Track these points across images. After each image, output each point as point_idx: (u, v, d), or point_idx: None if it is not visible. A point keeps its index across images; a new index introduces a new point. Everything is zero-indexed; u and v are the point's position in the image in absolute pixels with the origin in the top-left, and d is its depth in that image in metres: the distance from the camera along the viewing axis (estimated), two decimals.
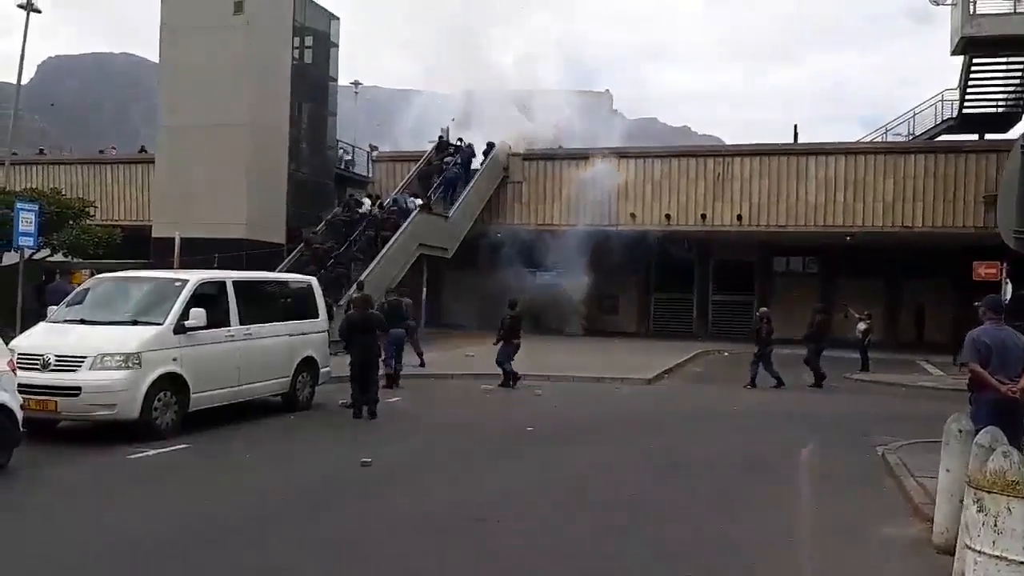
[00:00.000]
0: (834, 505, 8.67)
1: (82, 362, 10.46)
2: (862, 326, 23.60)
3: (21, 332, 12.46)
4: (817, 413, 15.51)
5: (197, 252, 21.78)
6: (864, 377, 21.84)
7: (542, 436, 12.15)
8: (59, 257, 19.80)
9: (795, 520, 8.10)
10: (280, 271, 24.22)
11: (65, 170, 36.99)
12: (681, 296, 37.77)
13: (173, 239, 21.72)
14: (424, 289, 27.89)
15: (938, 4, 28.33)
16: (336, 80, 31.44)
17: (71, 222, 19.72)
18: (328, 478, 9.32)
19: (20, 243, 14.18)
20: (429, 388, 17.32)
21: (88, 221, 20.73)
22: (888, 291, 34.98)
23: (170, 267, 19.11)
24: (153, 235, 26.55)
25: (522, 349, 17.89)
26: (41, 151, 45.27)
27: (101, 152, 40.74)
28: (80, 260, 20.00)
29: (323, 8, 30.29)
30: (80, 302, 11.93)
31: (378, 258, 24.25)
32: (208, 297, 11.77)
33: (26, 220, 14.01)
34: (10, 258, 17.29)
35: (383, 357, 14.59)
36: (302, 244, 26.01)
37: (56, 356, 10.53)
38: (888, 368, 23.43)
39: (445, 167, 31.00)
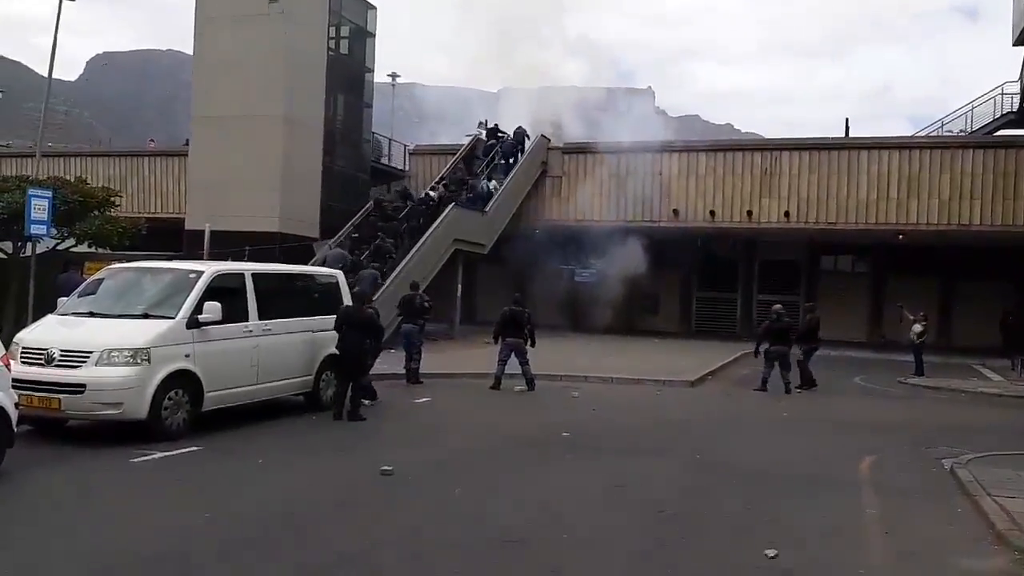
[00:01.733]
0: (905, 529, 7.74)
1: (87, 357, 9.81)
2: (917, 328, 22.38)
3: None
4: (873, 421, 14.51)
5: (230, 245, 21.24)
6: (919, 382, 20.68)
7: (578, 443, 11.32)
8: (84, 248, 19.37)
9: (863, 547, 7.18)
10: (346, 231, 25.88)
11: (104, 162, 36.86)
12: (725, 295, 36.73)
13: (205, 231, 21.23)
14: (459, 285, 27.16)
15: None
16: (372, 71, 30.78)
17: (96, 212, 19.24)
18: (344, 487, 8.58)
19: (32, 232, 13.66)
20: (460, 388, 16.56)
21: (114, 211, 20.25)
22: (942, 292, 33.64)
23: (200, 260, 18.56)
24: (186, 227, 26.11)
25: (558, 348, 17.02)
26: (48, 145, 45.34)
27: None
28: (107, 251, 19.53)
29: None
30: (92, 293, 11.31)
31: (411, 253, 23.58)
32: (225, 290, 11.09)
33: (39, 207, 13.49)
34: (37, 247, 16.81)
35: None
36: (371, 203, 27.26)
37: (61, 351, 9.91)
38: (944, 373, 22.23)
39: (499, 140, 30.87)
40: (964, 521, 7.96)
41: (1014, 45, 26.95)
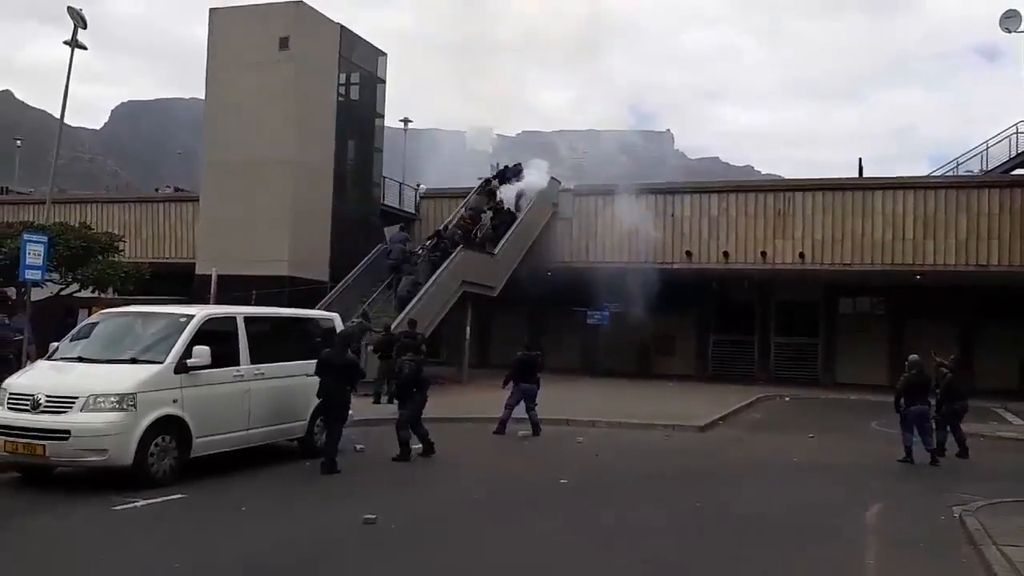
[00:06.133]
0: None
1: (73, 403, 9.67)
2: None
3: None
4: (887, 467, 14.10)
5: (239, 289, 21.24)
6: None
7: (576, 490, 11.03)
8: (87, 292, 19.41)
9: None
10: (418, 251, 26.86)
11: (119, 208, 37.13)
12: (741, 338, 36.25)
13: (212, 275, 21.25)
14: (468, 328, 26.96)
15: (1009, 31, 26.92)
16: (383, 116, 30.96)
17: (99, 257, 19.30)
18: (325, 538, 8.32)
19: (27, 276, 13.67)
20: (462, 433, 16.25)
21: (118, 256, 20.31)
22: (962, 334, 33.05)
23: (204, 303, 18.52)
24: (196, 272, 26.18)
25: (569, 392, 16.66)
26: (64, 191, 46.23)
27: (160, 189, 41.07)
28: (112, 296, 19.56)
29: (371, 44, 29.93)
30: (84, 337, 11.23)
31: (418, 296, 23.48)
32: (215, 334, 10.94)
33: (34, 253, 13.50)
34: (39, 293, 16.85)
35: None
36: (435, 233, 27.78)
37: (47, 396, 9.78)
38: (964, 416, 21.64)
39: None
40: (965, 572, 7.62)
41: None
